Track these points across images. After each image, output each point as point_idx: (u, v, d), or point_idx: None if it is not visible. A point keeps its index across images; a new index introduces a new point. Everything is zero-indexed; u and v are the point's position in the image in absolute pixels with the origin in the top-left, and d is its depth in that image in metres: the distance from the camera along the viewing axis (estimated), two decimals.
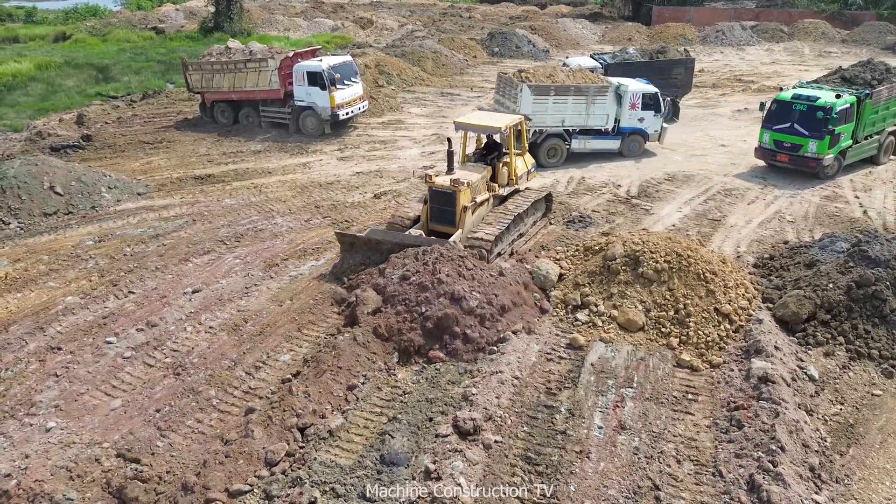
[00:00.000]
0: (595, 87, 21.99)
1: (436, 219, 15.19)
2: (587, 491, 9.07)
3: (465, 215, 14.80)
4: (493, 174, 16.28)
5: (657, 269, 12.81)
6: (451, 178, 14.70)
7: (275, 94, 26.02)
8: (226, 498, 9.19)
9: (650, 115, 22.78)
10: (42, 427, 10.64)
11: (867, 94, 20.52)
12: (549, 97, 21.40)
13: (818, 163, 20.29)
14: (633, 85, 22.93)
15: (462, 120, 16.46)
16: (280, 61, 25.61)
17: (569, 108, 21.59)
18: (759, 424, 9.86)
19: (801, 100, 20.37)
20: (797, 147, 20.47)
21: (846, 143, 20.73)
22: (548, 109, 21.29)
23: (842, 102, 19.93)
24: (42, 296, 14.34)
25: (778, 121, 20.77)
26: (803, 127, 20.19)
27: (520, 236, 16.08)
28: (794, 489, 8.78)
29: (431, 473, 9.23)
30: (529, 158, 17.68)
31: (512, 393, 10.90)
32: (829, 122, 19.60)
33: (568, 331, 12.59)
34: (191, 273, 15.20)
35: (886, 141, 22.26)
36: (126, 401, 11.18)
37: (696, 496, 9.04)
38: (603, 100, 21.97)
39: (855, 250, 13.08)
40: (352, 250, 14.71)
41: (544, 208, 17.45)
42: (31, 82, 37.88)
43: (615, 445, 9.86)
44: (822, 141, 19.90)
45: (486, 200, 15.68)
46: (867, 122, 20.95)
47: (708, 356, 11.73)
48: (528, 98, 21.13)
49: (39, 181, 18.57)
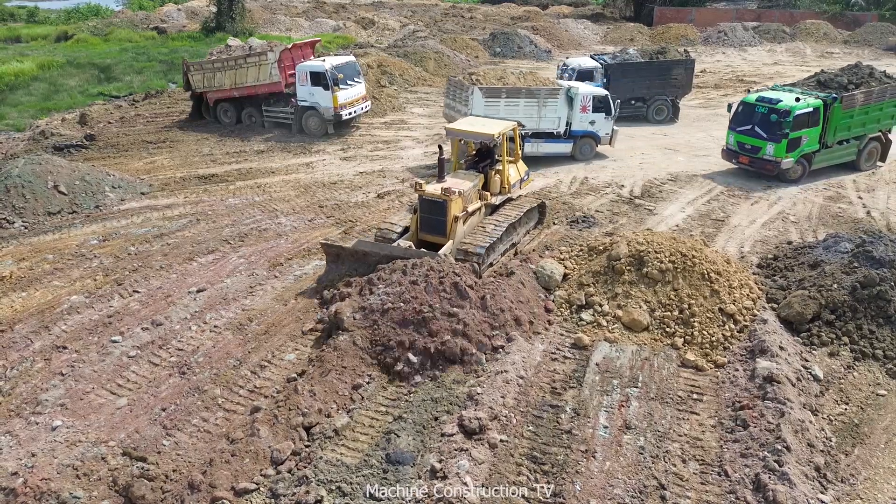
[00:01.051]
0: (546, 90, 21.78)
1: (426, 229, 14.74)
2: (593, 490, 9.09)
3: (457, 225, 14.39)
4: (485, 182, 15.82)
5: (662, 269, 12.83)
6: (442, 187, 14.31)
7: (276, 87, 26.02)
8: (232, 496, 9.22)
9: (601, 118, 22.51)
10: (48, 426, 10.65)
11: (834, 99, 20.13)
12: (500, 100, 21.19)
13: (776, 166, 20.23)
14: (583, 87, 22.82)
15: (454, 126, 16.06)
16: (279, 53, 25.66)
17: (521, 111, 21.17)
18: (765, 424, 9.88)
19: (763, 102, 20.34)
20: (756, 149, 20.48)
21: (811, 148, 20.40)
22: (500, 112, 20.67)
23: (802, 106, 19.70)
24: (47, 295, 14.36)
25: (741, 123, 20.80)
26: (762, 129, 20.18)
27: (512, 246, 15.70)
28: (800, 488, 8.79)
29: (437, 472, 9.24)
30: (522, 166, 17.32)
31: (517, 392, 10.92)
32: (783, 126, 19.52)
33: (572, 330, 12.61)
34: (195, 272, 15.22)
35: (868, 147, 21.71)
36: (132, 399, 11.21)
37: (701, 495, 9.06)
38: (554, 102, 21.72)
39: (859, 251, 13.10)
40: (338, 262, 14.17)
41: (537, 217, 17.12)
42: (33, 82, 37.94)
43: (620, 445, 9.87)
44: (778, 144, 19.83)
45: (477, 209, 15.26)
46: (838, 126, 20.47)
47: (712, 356, 11.75)
48: (480, 101, 20.87)
49: (43, 180, 18.60)
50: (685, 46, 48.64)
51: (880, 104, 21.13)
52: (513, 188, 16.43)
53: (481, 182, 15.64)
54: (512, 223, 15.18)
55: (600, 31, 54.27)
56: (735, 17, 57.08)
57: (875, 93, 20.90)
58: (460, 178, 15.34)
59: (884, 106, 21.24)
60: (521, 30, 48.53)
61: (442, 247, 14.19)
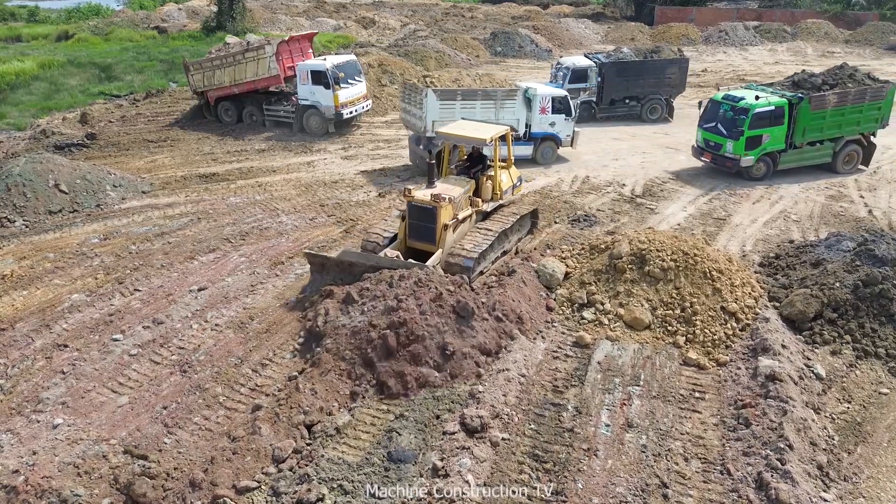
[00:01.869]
0: (503, 92, 21.23)
1: (414, 236, 14.21)
2: (595, 489, 9.07)
3: (446, 233, 13.91)
4: (476, 188, 15.26)
5: (663, 268, 12.81)
6: (432, 193, 13.78)
7: (275, 80, 26.03)
8: (233, 494, 9.20)
9: (561, 119, 21.99)
10: (49, 424, 10.65)
11: (800, 98, 19.93)
12: (455, 102, 20.62)
13: (735, 163, 20.24)
14: (542, 89, 22.34)
15: (445, 130, 15.56)
16: (277, 46, 25.69)
17: (477, 113, 20.36)
18: (767, 422, 9.86)
19: (727, 100, 20.38)
20: (718, 146, 20.50)
21: (774, 147, 20.27)
22: (455, 115, 20.04)
23: (761, 104, 19.64)
24: (48, 293, 14.35)
25: (708, 120, 20.87)
26: (723, 127, 20.24)
27: (503, 254, 15.27)
28: (803, 487, 8.77)
29: (439, 470, 9.22)
30: (515, 171, 16.83)
31: (519, 391, 10.90)
32: (739, 124, 19.52)
33: (574, 329, 12.59)
34: (196, 271, 15.21)
35: (847, 150, 21.23)
36: (133, 398, 11.19)
37: (703, 494, 9.04)
38: (512, 104, 21.17)
39: (861, 249, 13.08)
40: (323, 272, 13.60)
41: (530, 224, 16.66)
42: (34, 81, 37.93)
43: (622, 443, 9.85)
44: (736, 141, 19.84)
45: (468, 216, 14.74)
46: (808, 127, 20.20)
47: (714, 354, 11.73)
48: (434, 104, 20.33)
49: (44, 179, 18.59)
50: (685, 45, 48.66)
51: (859, 106, 20.61)
52: (505, 194, 15.90)
53: (472, 188, 15.12)
54: (503, 231, 14.72)
55: (601, 30, 54.23)
56: (736, 16, 57.05)
57: (851, 94, 20.46)
58: (451, 183, 14.85)
59: (863, 109, 20.72)
60: (522, 29, 48.50)
61: (431, 255, 13.73)
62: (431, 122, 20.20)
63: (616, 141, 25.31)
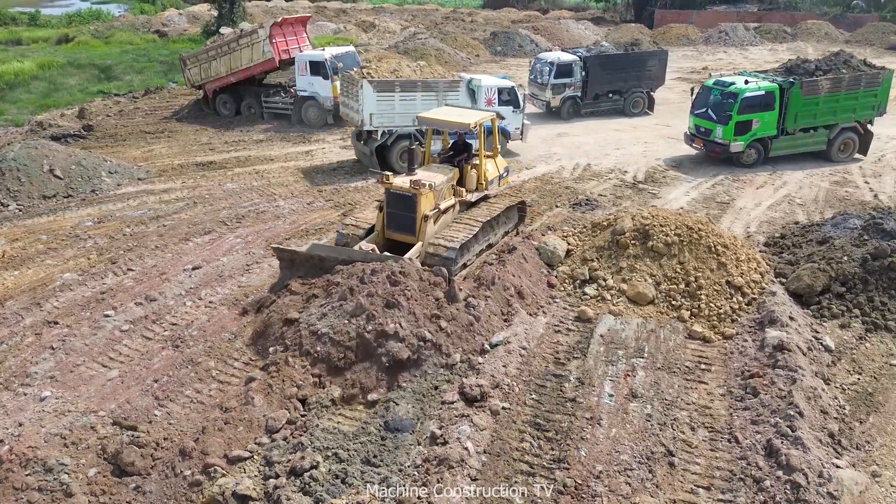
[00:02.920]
0: (445, 82, 19.91)
1: (393, 226, 13.29)
2: (598, 456, 8.76)
3: (427, 224, 13.00)
4: (460, 177, 14.45)
5: (667, 243, 12.53)
6: (412, 180, 12.93)
7: (270, 64, 25.75)
8: (225, 464, 8.89)
9: (509, 112, 20.83)
10: (36, 396, 10.35)
11: (791, 83, 19.60)
12: (394, 94, 19.30)
13: (724, 148, 19.97)
14: (486, 79, 21.33)
15: (426, 115, 14.74)
16: (270, 28, 25.47)
17: (418, 105, 19.22)
18: (776, 391, 9.55)
19: (717, 86, 20.16)
20: (709, 132, 20.27)
21: (765, 133, 19.97)
22: (395, 108, 19.25)
23: (751, 89, 19.35)
24: (39, 273, 14.08)
25: (699, 106, 20.63)
26: (714, 112, 20.00)
27: (488, 247, 14.39)
28: (814, 453, 8.46)
29: (437, 439, 8.93)
30: (502, 161, 15.98)
31: (519, 362, 10.60)
32: (728, 108, 19.28)
33: (576, 305, 12.30)
34: (191, 252, 14.94)
35: (842, 137, 20.81)
36: (123, 371, 10.90)
37: (711, 462, 8.73)
38: (455, 96, 19.81)
39: (870, 224, 12.82)
40: (293, 267, 12.63)
41: (517, 217, 15.73)
42: (33, 81, 37.81)
43: (626, 412, 9.55)
44: (726, 126, 19.58)
45: (451, 207, 13.87)
46: (800, 113, 19.83)
47: (720, 328, 11.44)
48: (371, 96, 19.03)
49: (39, 164, 18.37)
50: (686, 45, 48.63)
51: (854, 93, 20.24)
52: (490, 185, 15.07)
53: (456, 177, 14.27)
54: (488, 221, 13.93)
55: (601, 31, 54.14)
56: (736, 19, 56.98)
57: (846, 80, 20.10)
58: (433, 171, 13.99)
59: (858, 95, 20.35)
60: (522, 29, 48.45)
61: (411, 247, 12.82)
62: (369, 115, 19.15)
63: (617, 132, 25.10)
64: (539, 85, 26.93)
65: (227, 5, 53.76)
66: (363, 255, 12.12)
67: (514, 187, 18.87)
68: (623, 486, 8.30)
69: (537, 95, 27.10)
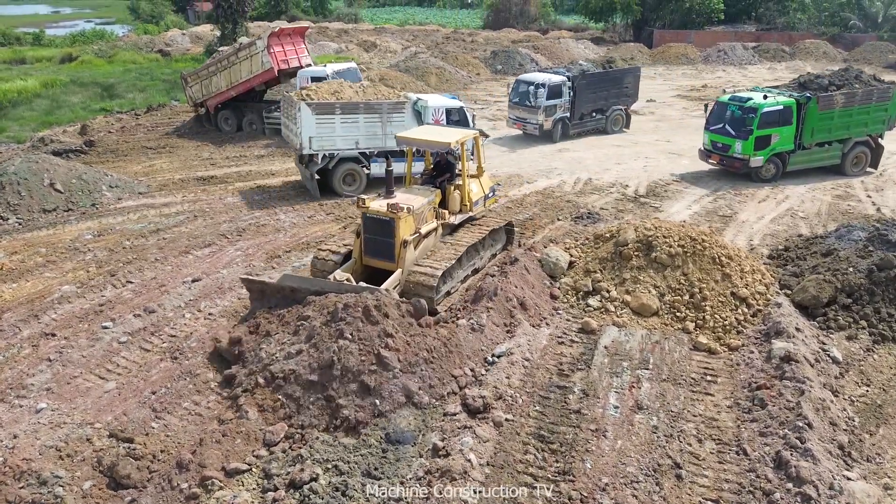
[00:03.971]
0: (389, 104, 19.16)
1: (371, 252, 12.59)
2: (604, 468, 8.58)
3: (406, 250, 12.32)
4: (442, 199, 13.81)
5: (671, 254, 12.42)
6: (389, 203, 12.25)
7: (269, 74, 25.75)
8: (223, 476, 8.71)
9: None
10: (32, 408, 10.19)
11: (808, 98, 19.73)
12: (334, 116, 18.60)
13: (743, 163, 19.95)
14: (433, 99, 20.79)
15: (405, 135, 14.22)
16: (267, 39, 25.51)
17: (361, 128, 18.83)
18: (784, 403, 9.39)
19: (734, 101, 20.18)
20: (727, 147, 20.23)
21: (783, 147, 20.02)
22: (336, 130, 18.61)
23: (770, 104, 19.44)
24: (38, 285, 13.96)
25: (715, 122, 20.61)
26: (732, 128, 19.98)
27: (474, 272, 13.82)
28: (825, 465, 8.29)
29: (439, 450, 8.76)
30: (488, 181, 15.35)
31: (522, 374, 10.44)
32: (748, 123, 19.29)
33: (579, 316, 12.16)
34: (191, 264, 14.84)
35: (855, 151, 20.99)
36: (120, 383, 10.74)
37: (719, 474, 8.54)
38: (401, 118, 19.14)
39: (875, 235, 12.73)
40: (263, 299, 11.85)
41: (504, 240, 15.18)
42: (35, 99, 37.96)
43: (632, 424, 9.37)
44: (745, 141, 19.57)
45: (433, 230, 13.22)
46: (816, 128, 19.94)
47: (725, 339, 11.30)
48: (310, 119, 18.30)
49: (39, 178, 18.33)
50: (685, 64, 48.90)
51: (866, 107, 20.43)
52: (475, 206, 14.41)
53: (438, 199, 13.60)
54: (472, 245, 13.35)
55: (601, 50, 54.52)
56: (734, 38, 57.36)
57: (858, 95, 20.30)
58: (413, 193, 13.31)
59: (870, 110, 20.54)
60: (522, 49, 48.76)
61: (390, 275, 12.16)
62: (308, 139, 18.42)
63: (618, 147, 25.11)
64: (528, 107, 25.47)
65: (230, 25, 54.17)
66: (337, 286, 11.36)
67: (514, 200, 18.85)
68: (630, 498, 8.12)
69: (526, 119, 25.74)
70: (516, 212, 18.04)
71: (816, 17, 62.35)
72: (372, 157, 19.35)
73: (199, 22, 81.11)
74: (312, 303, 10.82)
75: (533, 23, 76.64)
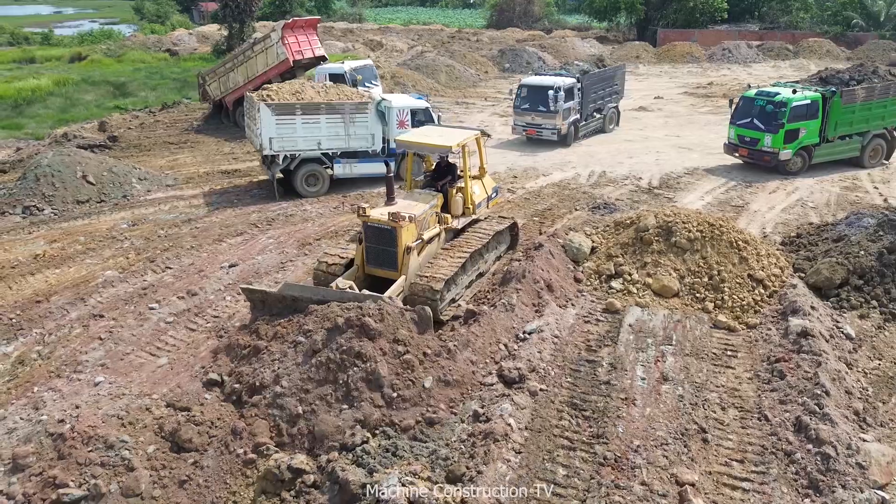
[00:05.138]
0: (352, 105, 19.10)
1: (373, 261, 12.33)
2: (635, 432, 9.16)
3: (409, 257, 12.05)
4: (444, 202, 13.54)
5: (690, 238, 13.02)
6: (390, 212, 11.97)
7: (285, 65, 26.22)
8: (273, 444, 9.30)
9: None
10: (90, 382, 10.81)
11: (833, 92, 20.42)
12: (295, 117, 18.48)
13: (773, 156, 20.57)
14: (398, 100, 20.66)
15: (404, 138, 14.03)
16: (281, 30, 26.08)
17: (323, 128, 18.77)
18: (802, 374, 9.98)
19: (762, 96, 20.82)
20: (755, 141, 20.86)
21: (810, 141, 20.68)
22: (297, 131, 18.53)
23: (798, 98, 20.10)
24: (81, 271, 14.58)
25: (741, 117, 21.22)
26: (760, 122, 20.58)
27: (479, 276, 13.58)
28: (842, 428, 8.88)
29: (480, 416, 9.34)
30: (491, 181, 15.18)
31: (553, 349, 11.04)
32: (779, 117, 19.94)
33: (603, 298, 12.76)
34: (226, 251, 15.45)
35: (872, 144, 21.75)
36: (172, 359, 11.35)
37: (743, 438, 9.13)
38: (364, 118, 19.12)
39: (884, 220, 13.31)
40: (265, 308, 11.49)
41: (508, 241, 15.06)
42: (49, 97, 38.44)
43: (659, 394, 9.97)
44: (775, 135, 20.21)
45: (436, 236, 12.96)
46: (839, 121, 20.66)
47: (744, 318, 11.89)
48: (269, 119, 18.20)
49: (72, 170, 18.95)
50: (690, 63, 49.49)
51: (883, 101, 21.19)
52: (478, 208, 14.22)
53: (440, 203, 13.35)
54: (477, 250, 13.08)
55: (606, 49, 55.13)
56: (737, 37, 57.95)
57: (878, 89, 21.08)
58: (414, 199, 13.03)
59: (887, 103, 21.29)
60: (530, 47, 49.35)
61: (393, 282, 11.91)
62: (268, 140, 18.40)
63: (629, 142, 25.71)
64: (543, 113, 24.47)
65: (238, 25, 54.77)
66: (339, 294, 10.95)
67: (532, 192, 19.45)
68: (661, 458, 8.70)
69: (541, 125, 24.75)
70: (534, 202, 18.67)
71: (819, 17, 62.94)
72: (335, 157, 19.45)
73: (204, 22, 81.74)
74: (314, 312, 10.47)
75: (536, 22, 77.28)
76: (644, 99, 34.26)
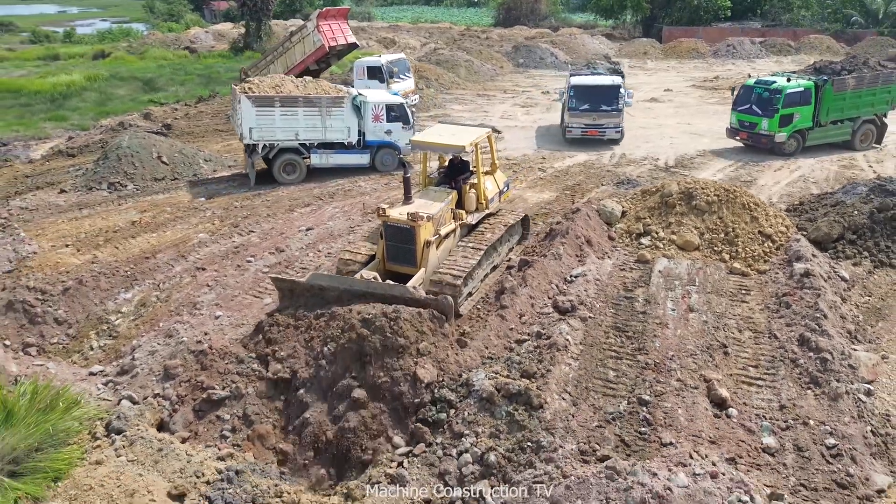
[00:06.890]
0: (328, 99, 20.35)
1: (393, 258, 12.93)
2: (669, 346, 11.31)
3: (428, 252, 12.71)
4: (459, 199, 14.01)
5: (708, 201, 15.17)
6: (409, 212, 12.47)
7: (321, 51, 28.37)
8: None
9: (398, 128, 21.35)
10: (212, 316, 12.95)
11: (825, 81, 22.72)
12: (274, 109, 19.85)
13: (769, 139, 22.82)
14: (374, 95, 21.77)
15: (419, 138, 14.52)
16: (315, 19, 28.31)
17: (301, 121, 20.10)
18: (805, 304, 12.12)
19: (759, 84, 23.18)
20: (754, 125, 23.17)
21: (803, 125, 22.92)
22: (276, 122, 19.90)
23: (793, 86, 22.43)
24: (177, 234, 16.73)
25: (741, 103, 23.55)
26: (759, 107, 22.92)
27: (493, 269, 14.19)
28: (837, 340, 11.03)
29: (542, 335, 11.48)
30: (502, 176, 15.72)
31: (596, 289, 13.18)
32: (775, 103, 22.20)
33: (634, 252, 14.91)
34: (299, 219, 17.62)
35: (863, 129, 23.87)
36: (275, 299, 13.45)
37: (756, 351, 11.28)
38: (340, 112, 20.48)
39: (876, 186, 15.48)
40: (293, 297, 11.86)
41: (520, 233, 15.74)
42: (83, 91, 40.41)
43: (687, 320, 12.11)
44: (771, 119, 22.50)
45: (451, 231, 13.54)
46: (830, 107, 22.83)
47: (755, 266, 14.03)
48: (250, 111, 19.62)
49: (148, 151, 21.11)
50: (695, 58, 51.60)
51: (873, 89, 23.47)
52: (491, 203, 14.77)
53: (455, 199, 13.85)
54: (492, 244, 13.80)
55: (614, 46, 57.28)
56: (740, 34, 60.04)
57: (867, 78, 23.40)
58: (430, 197, 13.59)
59: (876, 91, 23.57)
60: (542, 43, 51.48)
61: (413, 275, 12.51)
62: (248, 129, 19.83)
63: (644, 129, 27.85)
64: (606, 112, 24.56)
65: (255, 24, 56.75)
66: (365, 284, 11.57)
67: (561, 171, 21.60)
68: (692, 364, 10.85)
69: (604, 125, 24.66)
70: (564, 179, 20.84)
71: (819, 14, 65.12)
72: (312, 148, 20.89)
73: (216, 20, 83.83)
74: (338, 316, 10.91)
75: (543, 20, 79.38)
76: (655, 91, 36.42)
